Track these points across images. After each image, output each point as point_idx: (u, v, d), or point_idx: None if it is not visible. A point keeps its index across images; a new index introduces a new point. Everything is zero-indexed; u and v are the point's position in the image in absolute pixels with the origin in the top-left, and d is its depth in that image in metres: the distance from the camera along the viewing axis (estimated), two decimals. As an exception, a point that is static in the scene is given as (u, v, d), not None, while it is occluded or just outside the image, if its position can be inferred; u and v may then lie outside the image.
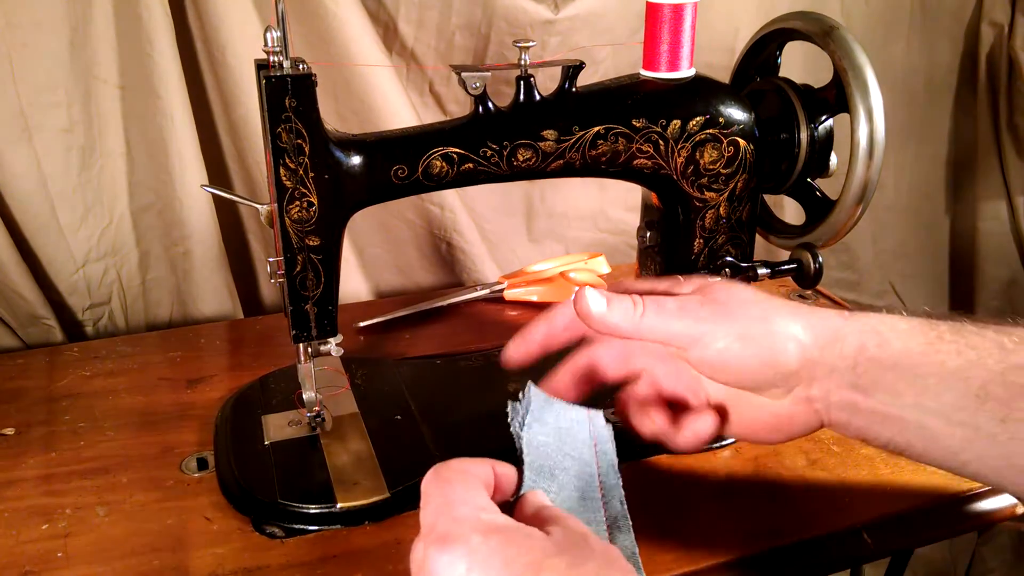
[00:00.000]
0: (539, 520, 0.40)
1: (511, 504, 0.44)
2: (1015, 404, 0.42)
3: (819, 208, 0.69)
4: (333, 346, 0.63)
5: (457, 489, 0.40)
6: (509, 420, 0.49)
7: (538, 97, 0.62)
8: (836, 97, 0.64)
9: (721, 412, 0.50)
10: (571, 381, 0.53)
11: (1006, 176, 1.29)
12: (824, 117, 0.66)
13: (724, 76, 0.71)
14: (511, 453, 0.66)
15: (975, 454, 0.43)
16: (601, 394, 0.54)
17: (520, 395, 0.50)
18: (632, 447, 0.66)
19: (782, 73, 0.71)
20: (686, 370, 0.51)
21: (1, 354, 0.83)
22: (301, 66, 0.55)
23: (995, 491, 0.62)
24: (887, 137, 0.62)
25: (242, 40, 0.84)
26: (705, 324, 0.46)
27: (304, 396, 0.66)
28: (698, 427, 0.50)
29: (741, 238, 0.69)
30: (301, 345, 0.63)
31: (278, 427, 0.68)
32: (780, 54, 0.72)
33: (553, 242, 1.12)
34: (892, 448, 0.46)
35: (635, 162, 0.64)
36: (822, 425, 0.48)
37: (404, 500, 0.60)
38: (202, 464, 0.65)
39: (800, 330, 0.46)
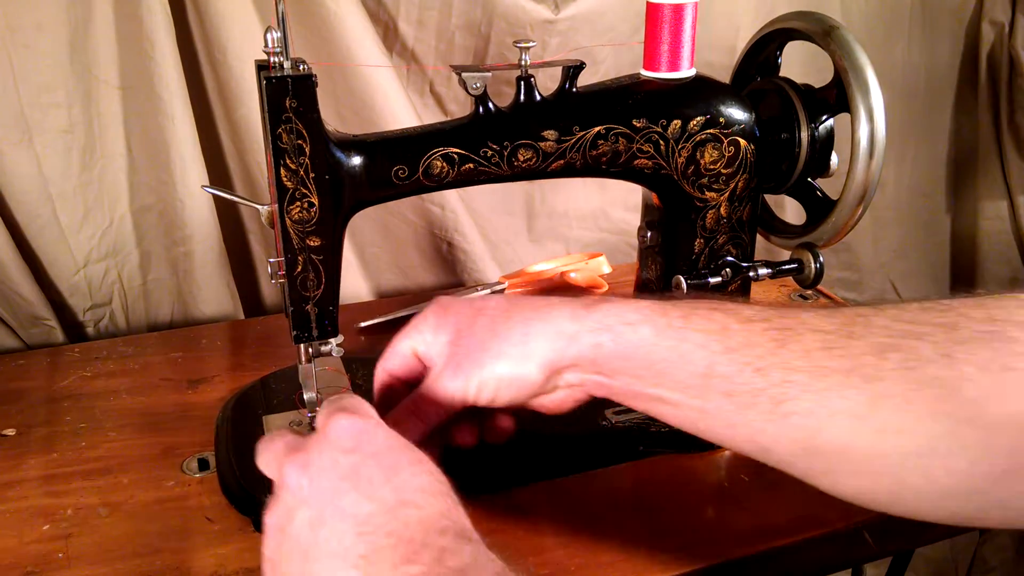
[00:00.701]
0: None
1: None
2: (737, 380, 0.48)
3: (820, 208, 0.69)
4: (334, 346, 0.63)
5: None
6: None
7: (538, 97, 0.62)
8: (836, 97, 0.64)
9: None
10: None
11: (1007, 175, 1.28)
12: (824, 117, 0.66)
13: (724, 76, 0.71)
14: (510, 451, 0.66)
15: (708, 424, 0.50)
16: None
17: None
18: (632, 448, 0.67)
19: (782, 73, 0.71)
20: None
21: (2, 355, 0.83)
22: (301, 67, 0.55)
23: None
24: (887, 136, 0.62)
25: (243, 41, 0.85)
26: (462, 381, 0.53)
27: (305, 396, 0.66)
28: (503, 427, 0.57)
29: (742, 238, 0.69)
30: (302, 345, 0.63)
31: (279, 427, 0.68)
32: (780, 54, 0.72)
33: (553, 242, 1.12)
34: (651, 416, 0.53)
35: (636, 162, 0.64)
36: (592, 396, 0.54)
37: (405, 500, 0.60)
38: (203, 465, 0.65)
39: (536, 350, 0.52)
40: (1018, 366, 0.43)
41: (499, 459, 0.65)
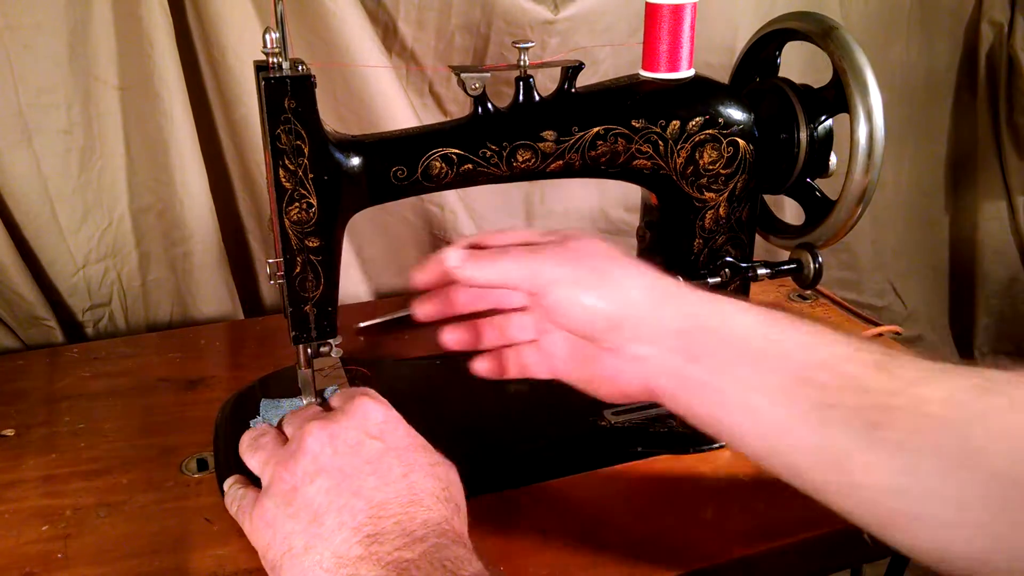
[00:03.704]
0: None
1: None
2: (830, 390, 0.42)
3: (819, 208, 0.69)
4: (333, 347, 0.63)
5: None
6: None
7: (537, 98, 0.62)
8: (835, 97, 0.64)
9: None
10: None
11: (1006, 175, 1.29)
12: (824, 117, 0.66)
13: (723, 76, 0.71)
14: (509, 452, 0.66)
15: (789, 441, 0.44)
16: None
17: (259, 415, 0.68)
18: (631, 449, 0.67)
19: (781, 73, 0.71)
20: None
21: (1, 355, 0.83)
22: (300, 67, 0.55)
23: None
24: (887, 137, 0.62)
25: (242, 41, 0.84)
26: (548, 268, 0.50)
27: (303, 400, 0.66)
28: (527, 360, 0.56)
29: (741, 238, 0.69)
30: (301, 346, 0.63)
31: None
32: (780, 54, 0.72)
33: (553, 242, 1.11)
34: (713, 427, 0.48)
35: (634, 163, 0.64)
36: (649, 391, 0.49)
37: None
38: (202, 465, 0.65)
39: (634, 286, 0.49)
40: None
41: (499, 459, 0.65)
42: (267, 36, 0.53)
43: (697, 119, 0.63)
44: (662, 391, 0.49)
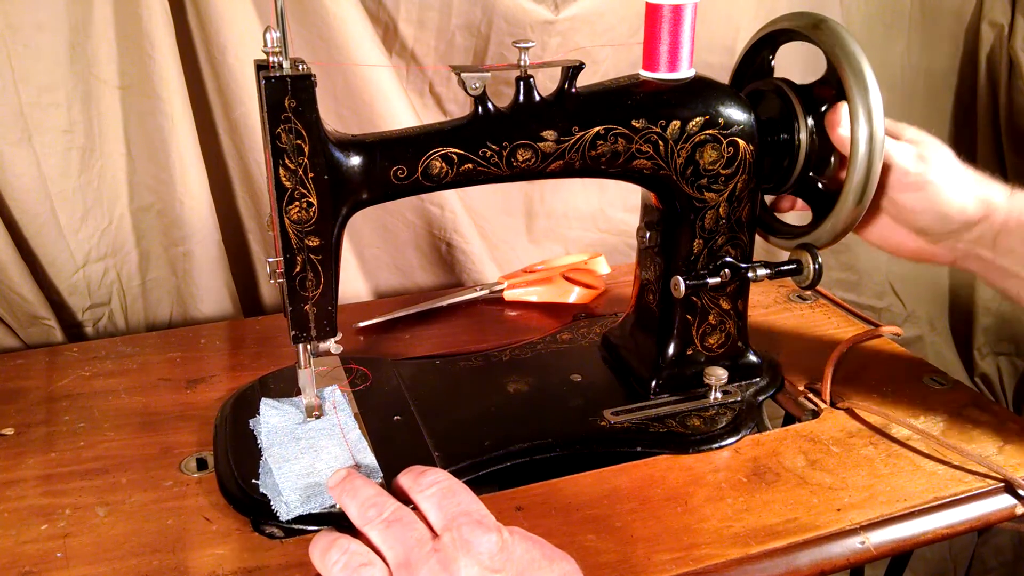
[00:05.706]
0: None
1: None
2: None
3: (824, 203, 0.68)
4: (332, 346, 0.63)
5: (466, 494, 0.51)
6: (253, 427, 0.67)
7: (538, 97, 0.62)
8: (835, 96, 0.65)
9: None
10: None
11: (1006, 177, 1.28)
12: (824, 109, 0.66)
13: (724, 76, 0.71)
14: (509, 451, 0.66)
15: None
16: None
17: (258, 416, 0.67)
18: (631, 449, 0.67)
19: (782, 74, 0.71)
20: None
21: (1, 354, 0.83)
22: (300, 66, 0.55)
23: (994, 492, 0.62)
24: (886, 138, 0.62)
25: (242, 40, 0.84)
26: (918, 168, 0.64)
27: (304, 401, 0.66)
28: None
29: (740, 238, 0.69)
30: (300, 345, 0.63)
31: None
32: (773, 56, 0.71)
33: (553, 242, 1.12)
34: (1005, 296, 0.66)
35: (635, 163, 0.64)
36: (953, 263, 0.67)
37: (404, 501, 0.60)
38: (201, 464, 0.65)
39: (972, 197, 0.64)
40: None
41: (499, 459, 0.65)
42: (267, 35, 0.53)
43: (697, 119, 0.63)
44: (965, 269, 0.67)
